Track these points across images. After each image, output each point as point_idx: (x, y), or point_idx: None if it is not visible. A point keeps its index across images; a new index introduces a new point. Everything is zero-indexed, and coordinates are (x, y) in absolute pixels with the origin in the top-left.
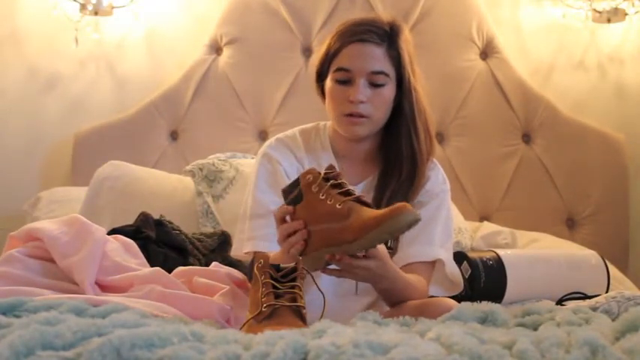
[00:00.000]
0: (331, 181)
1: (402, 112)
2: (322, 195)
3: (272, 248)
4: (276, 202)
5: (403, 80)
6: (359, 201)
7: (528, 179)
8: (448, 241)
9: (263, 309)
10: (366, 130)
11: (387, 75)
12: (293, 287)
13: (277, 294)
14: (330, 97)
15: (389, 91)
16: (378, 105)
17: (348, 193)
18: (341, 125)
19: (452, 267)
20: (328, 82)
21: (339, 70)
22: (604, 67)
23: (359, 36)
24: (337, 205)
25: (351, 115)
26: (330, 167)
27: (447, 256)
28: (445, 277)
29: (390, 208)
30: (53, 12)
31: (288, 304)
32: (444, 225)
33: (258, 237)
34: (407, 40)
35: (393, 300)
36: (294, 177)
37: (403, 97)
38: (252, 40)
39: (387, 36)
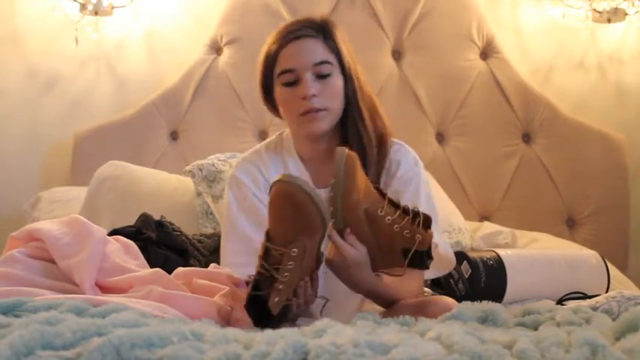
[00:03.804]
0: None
1: (348, 101)
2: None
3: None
4: (249, 226)
5: (344, 68)
6: None
7: (528, 179)
8: (435, 221)
9: None
10: (326, 123)
11: (330, 64)
12: None
13: None
14: (283, 103)
15: (337, 80)
16: (330, 95)
17: None
18: (301, 125)
19: (444, 246)
20: (277, 90)
21: (283, 73)
22: (604, 67)
23: (293, 34)
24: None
25: (307, 112)
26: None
27: (438, 237)
28: (436, 258)
29: None
30: (53, 12)
31: None
32: (427, 206)
33: (239, 264)
34: (343, 35)
35: (379, 303)
36: (262, 197)
37: (346, 85)
38: (252, 40)
39: (321, 29)
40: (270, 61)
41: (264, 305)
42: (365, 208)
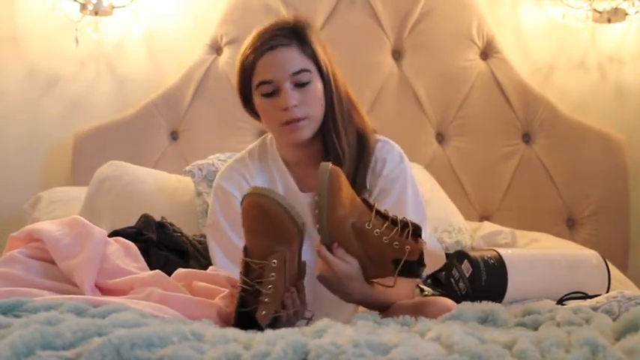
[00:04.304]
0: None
1: (328, 103)
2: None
3: None
4: (234, 235)
5: (322, 71)
6: None
7: (528, 179)
8: (422, 218)
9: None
10: (309, 131)
11: (308, 71)
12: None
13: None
14: (264, 113)
15: (316, 86)
16: (310, 103)
17: None
18: (283, 135)
19: (432, 242)
20: (256, 99)
21: (261, 84)
22: (604, 67)
23: (267, 44)
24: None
25: (289, 122)
26: None
27: (427, 234)
28: (426, 255)
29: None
30: (53, 12)
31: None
32: (414, 203)
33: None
34: (317, 34)
35: (373, 309)
36: None
37: (325, 87)
38: None
39: (294, 33)
40: (248, 71)
41: (253, 320)
42: (352, 222)
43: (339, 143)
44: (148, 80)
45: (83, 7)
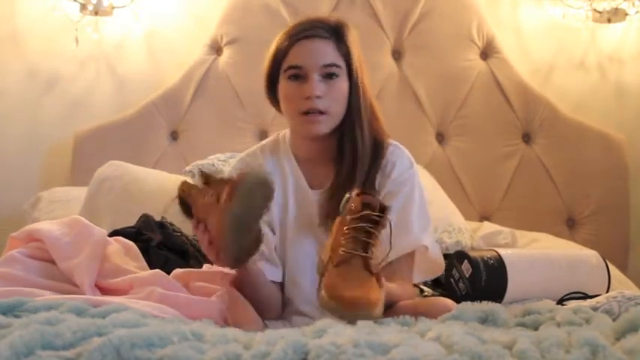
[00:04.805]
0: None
1: (351, 106)
2: (200, 194)
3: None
4: None
5: (352, 73)
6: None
7: (528, 179)
8: (427, 224)
9: (341, 252)
10: (326, 126)
11: (339, 67)
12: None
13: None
14: (285, 97)
15: (343, 83)
16: (334, 98)
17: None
18: (300, 125)
19: (435, 249)
20: (281, 83)
21: (290, 68)
22: (604, 68)
23: (306, 32)
24: (209, 196)
25: (308, 112)
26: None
27: (430, 241)
28: (426, 261)
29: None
30: (53, 12)
31: (362, 254)
32: (419, 209)
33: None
34: (354, 38)
35: None
36: None
37: (352, 90)
38: (252, 40)
39: (334, 31)
40: (280, 56)
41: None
42: (336, 263)
43: (355, 147)
44: (148, 80)
45: (83, 7)
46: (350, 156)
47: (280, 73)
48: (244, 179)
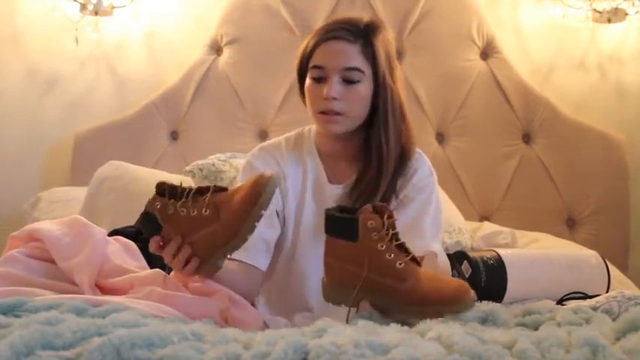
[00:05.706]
0: (185, 195)
1: (378, 110)
2: (183, 209)
3: (254, 260)
4: None
5: (378, 77)
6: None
7: (528, 179)
8: (438, 232)
9: (398, 265)
10: (342, 127)
11: (361, 71)
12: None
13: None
14: (307, 95)
15: (364, 88)
16: (352, 101)
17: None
18: (318, 123)
19: (443, 258)
20: (307, 81)
21: (314, 67)
22: (604, 67)
23: (332, 33)
24: (203, 212)
25: (324, 112)
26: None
27: (439, 248)
28: (434, 268)
29: (251, 184)
30: (53, 12)
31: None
32: (434, 216)
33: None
34: (385, 40)
35: None
36: (278, 185)
37: (379, 94)
38: (252, 40)
39: (362, 34)
40: (308, 53)
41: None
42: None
43: (380, 150)
44: (148, 80)
45: (83, 7)
46: (376, 158)
47: (307, 70)
48: (267, 182)
